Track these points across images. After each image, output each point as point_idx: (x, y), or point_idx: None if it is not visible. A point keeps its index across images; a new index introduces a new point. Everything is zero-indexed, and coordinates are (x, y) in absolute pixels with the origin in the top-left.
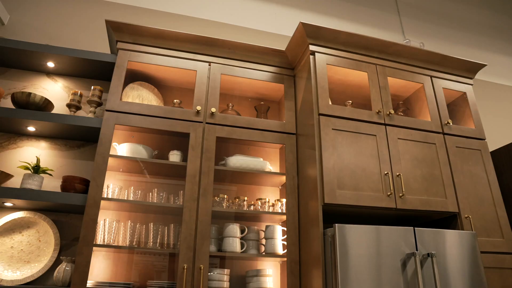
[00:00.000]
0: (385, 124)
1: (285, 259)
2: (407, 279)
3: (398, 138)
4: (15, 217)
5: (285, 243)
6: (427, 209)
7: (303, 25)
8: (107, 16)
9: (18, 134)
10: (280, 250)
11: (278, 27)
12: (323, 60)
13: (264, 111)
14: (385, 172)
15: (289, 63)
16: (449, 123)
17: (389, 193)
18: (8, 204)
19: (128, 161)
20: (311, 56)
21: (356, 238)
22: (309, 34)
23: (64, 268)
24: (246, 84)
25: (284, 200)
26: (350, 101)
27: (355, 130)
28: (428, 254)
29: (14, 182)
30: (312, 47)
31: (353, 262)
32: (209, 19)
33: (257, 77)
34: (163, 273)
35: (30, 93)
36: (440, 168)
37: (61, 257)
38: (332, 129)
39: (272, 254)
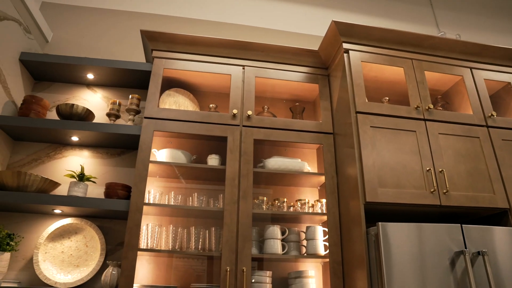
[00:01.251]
0: (425, 120)
1: (327, 260)
2: (456, 279)
3: (439, 133)
4: (63, 223)
5: (327, 243)
6: (474, 205)
7: (335, 24)
8: (140, 26)
9: (63, 144)
10: (321, 251)
11: (309, 28)
12: (357, 57)
13: (300, 112)
14: (427, 169)
15: (323, 63)
16: (493, 115)
17: (432, 190)
18: (57, 211)
19: (167, 166)
20: (345, 54)
21: (401, 236)
22: (342, 32)
23: (110, 272)
24: (280, 85)
25: (324, 201)
26: (387, 98)
27: (393, 127)
28: (478, 252)
29: (62, 190)
30: (345, 45)
31: (398, 261)
32: (240, 23)
33: (291, 78)
34: (205, 276)
35: (73, 105)
36: (486, 162)
37: (107, 262)
38: (370, 126)
39: (313, 255)
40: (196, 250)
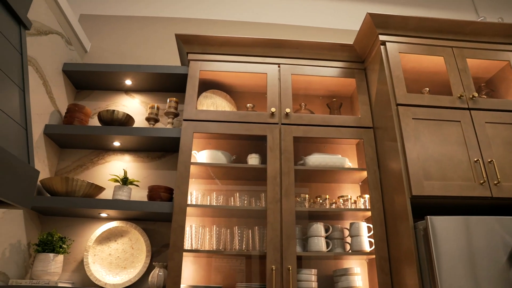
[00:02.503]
0: (469, 109)
1: (373, 256)
2: None
3: (486, 122)
4: (109, 226)
5: (372, 240)
6: None
7: (370, 16)
8: (173, 31)
9: (105, 150)
10: (367, 247)
11: (342, 23)
12: (394, 49)
13: (337, 108)
14: (475, 159)
15: (359, 56)
16: None
17: (482, 181)
18: (103, 214)
19: (207, 168)
20: (381, 47)
21: (451, 230)
22: (377, 24)
23: (157, 273)
24: (316, 82)
25: (366, 196)
26: (427, 89)
27: (437, 118)
28: None
29: (106, 194)
30: (382, 37)
31: (449, 257)
32: (271, 22)
33: (326, 74)
34: (250, 276)
35: (114, 111)
36: None
37: (153, 263)
38: (412, 118)
39: (359, 252)
40: (240, 250)
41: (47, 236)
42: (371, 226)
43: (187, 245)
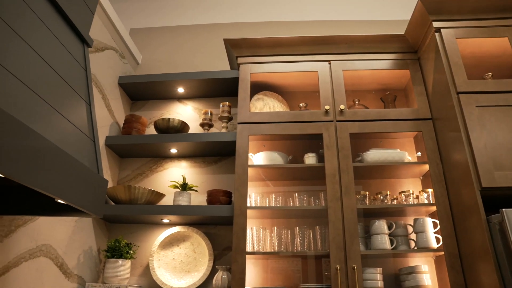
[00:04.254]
0: None
1: (441, 253)
2: None
3: None
4: (172, 232)
5: (439, 236)
6: None
7: (422, 2)
8: (219, 37)
9: (163, 157)
10: (434, 244)
11: (390, 13)
12: (451, 34)
13: (391, 101)
14: None
15: (411, 46)
16: None
17: None
18: (165, 220)
19: (263, 170)
20: (436, 34)
21: None
22: (430, 10)
23: (221, 276)
24: (368, 76)
25: (430, 190)
26: (490, 74)
27: (504, 104)
28: None
29: (166, 201)
30: (436, 24)
31: None
32: (317, 19)
33: (378, 67)
34: (312, 276)
35: (169, 118)
36: None
37: (216, 266)
38: (476, 106)
39: (425, 249)
40: (302, 250)
41: (114, 243)
42: (437, 221)
43: (248, 247)
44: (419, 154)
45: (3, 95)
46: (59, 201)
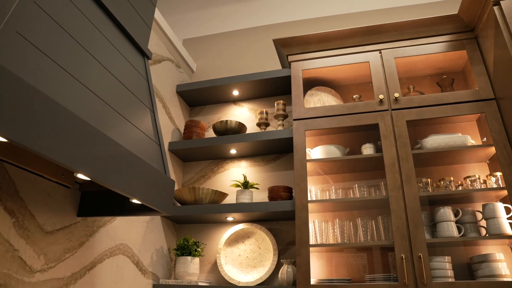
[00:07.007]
0: None
1: None
2: None
3: None
4: (236, 229)
5: None
6: None
7: None
8: (267, 37)
9: (223, 158)
10: (508, 230)
11: None
12: (511, 6)
13: (449, 85)
14: None
15: (466, 25)
16: None
17: None
18: (229, 218)
19: (322, 164)
20: (494, 7)
21: None
22: None
23: (286, 270)
24: (421, 61)
25: (498, 174)
26: None
27: None
28: None
29: (229, 200)
30: None
31: None
32: (362, 10)
33: (432, 51)
34: (377, 267)
35: (227, 121)
36: None
37: (281, 260)
38: None
39: (499, 236)
40: (366, 241)
41: (183, 242)
42: (510, 206)
43: (311, 241)
44: (484, 139)
45: (84, 108)
46: (134, 201)
